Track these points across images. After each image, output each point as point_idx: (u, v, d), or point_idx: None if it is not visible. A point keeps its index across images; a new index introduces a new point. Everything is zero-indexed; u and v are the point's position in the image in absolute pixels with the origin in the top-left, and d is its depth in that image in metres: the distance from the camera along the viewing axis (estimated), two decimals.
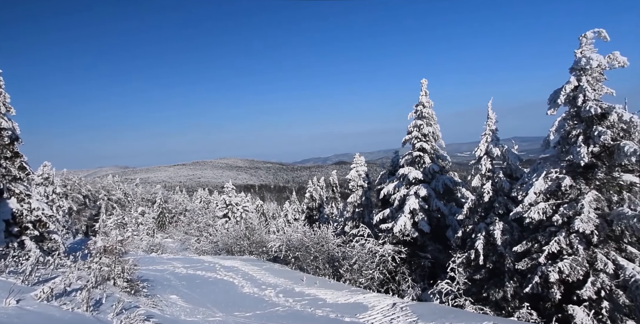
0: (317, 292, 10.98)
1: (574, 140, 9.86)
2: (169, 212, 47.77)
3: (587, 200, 9.34)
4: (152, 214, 43.98)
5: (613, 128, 9.37)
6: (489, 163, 12.77)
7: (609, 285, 9.03)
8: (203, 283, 12.16)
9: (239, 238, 20.86)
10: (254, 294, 10.92)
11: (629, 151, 8.75)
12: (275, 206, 74.49)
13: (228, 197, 35.06)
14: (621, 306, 8.93)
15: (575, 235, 9.48)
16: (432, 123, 16.38)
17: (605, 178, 9.68)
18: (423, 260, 15.38)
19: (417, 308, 8.98)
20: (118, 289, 8.04)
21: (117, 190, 48.30)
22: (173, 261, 17.45)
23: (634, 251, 9.24)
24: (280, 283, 12.12)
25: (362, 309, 9.35)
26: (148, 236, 33.01)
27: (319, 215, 34.55)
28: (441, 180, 15.89)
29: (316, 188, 35.90)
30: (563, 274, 9.34)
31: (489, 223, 12.27)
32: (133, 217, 35.67)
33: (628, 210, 8.88)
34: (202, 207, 46.52)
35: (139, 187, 57.76)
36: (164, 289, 10.86)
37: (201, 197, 56.32)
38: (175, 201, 51.69)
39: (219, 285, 11.97)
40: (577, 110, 9.91)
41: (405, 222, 15.04)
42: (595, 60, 9.46)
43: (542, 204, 10.13)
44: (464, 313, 8.92)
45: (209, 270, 14.31)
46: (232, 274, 13.34)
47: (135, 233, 31.03)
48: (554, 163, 10.41)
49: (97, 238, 9.10)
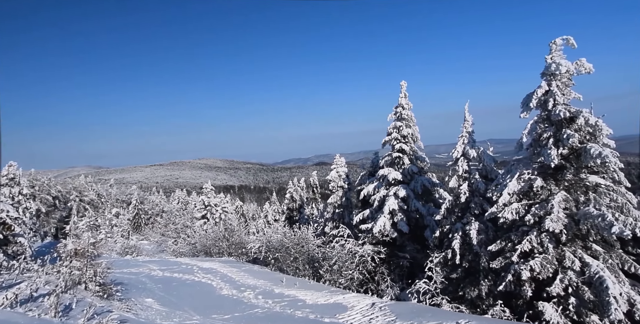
0: (297, 293, 10.95)
1: (545, 143, 10.25)
2: (145, 213, 46.49)
3: (557, 200, 9.72)
4: (127, 215, 42.68)
5: (580, 132, 9.81)
6: (465, 165, 13.08)
7: (575, 282, 9.42)
8: (180, 286, 11.91)
9: (217, 240, 20.55)
10: (232, 296, 10.78)
11: (594, 153, 9.17)
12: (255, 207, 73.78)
13: (207, 198, 34.46)
14: (586, 302, 9.34)
15: (546, 234, 9.84)
16: (411, 124, 16.64)
17: (573, 179, 10.11)
18: (402, 260, 15.59)
19: (396, 307, 9.10)
20: (90, 294, 7.76)
21: (90, 190, 46.60)
22: (149, 263, 17.01)
23: (598, 249, 9.68)
24: (260, 285, 12.01)
25: (342, 310, 9.40)
26: (123, 238, 32.01)
27: (299, 215, 34.48)
28: (420, 181, 16.16)
29: (296, 188, 35.82)
30: (534, 272, 9.67)
31: (466, 223, 12.56)
32: (107, 219, 34.53)
33: (593, 210, 9.31)
34: (179, 208, 45.53)
35: (113, 188, 55.94)
36: (139, 292, 10.56)
37: (179, 198, 55.13)
38: (151, 202, 50.35)
39: (196, 288, 11.75)
40: (547, 113, 10.31)
41: (384, 223, 15.20)
42: (564, 66, 9.89)
43: (516, 204, 10.46)
44: (441, 312, 9.11)
45: (187, 272, 14.03)
46: (210, 277, 13.12)
47: (109, 235, 30.03)
48: (527, 164, 10.78)
49: (68, 240, 8.75)
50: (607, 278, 8.79)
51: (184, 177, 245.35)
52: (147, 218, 46.45)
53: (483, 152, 13.18)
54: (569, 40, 10.02)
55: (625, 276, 9.43)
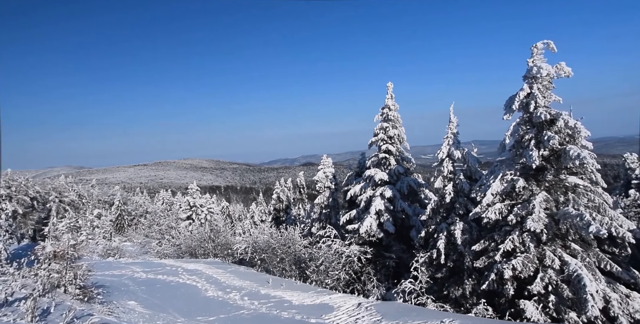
0: (283, 294, 10.91)
1: (527, 144, 10.49)
2: (128, 214, 45.58)
3: (538, 201, 9.96)
4: (110, 216, 41.78)
5: (560, 134, 10.08)
6: (450, 166, 13.28)
7: (555, 280, 9.67)
8: (164, 288, 11.72)
9: (203, 241, 20.30)
10: (218, 298, 10.66)
11: (573, 155, 9.44)
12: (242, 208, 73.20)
13: (192, 198, 34.00)
14: (565, 299, 9.59)
15: (527, 234, 10.07)
16: (397, 125, 16.80)
17: (553, 180, 10.38)
18: (388, 260, 15.70)
19: (381, 307, 9.16)
20: (69, 297, 7.56)
21: (71, 191, 45.37)
22: (132, 265, 16.68)
23: (576, 248, 9.96)
24: (246, 286, 11.92)
25: (328, 310, 9.40)
26: (105, 240, 31.31)
27: (286, 216, 34.37)
28: (406, 181, 16.31)
29: (283, 189, 35.69)
30: (516, 271, 9.88)
31: (450, 223, 12.74)
32: (88, 220, 33.71)
33: (572, 210, 9.58)
34: (164, 209, 44.75)
35: (95, 188, 54.65)
36: (121, 295, 10.35)
37: (163, 199, 54.21)
38: (135, 203, 49.40)
39: (181, 289, 11.58)
40: (529, 115, 10.56)
41: (371, 223, 15.29)
42: (544, 69, 10.16)
43: (499, 204, 10.67)
44: (426, 311, 9.21)
45: (171, 273, 13.81)
46: (195, 278, 12.95)
47: (90, 236, 29.29)
48: (509, 165, 11.01)
49: (46, 242, 8.50)
50: (585, 276, 9.05)
51: (168, 177, 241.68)
52: (131, 219, 45.55)
53: (467, 153, 13.40)
54: (550, 44, 10.30)
55: (601, 274, 9.73)
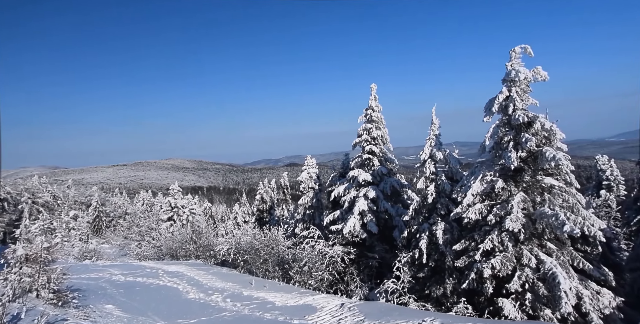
0: (266, 295, 10.83)
1: (506, 146, 10.77)
2: (106, 216, 44.36)
3: (516, 201, 10.23)
4: (87, 218, 40.53)
5: (537, 136, 10.40)
6: (432, 167, 13.48)
7: (532, 278, 9.95)
8: (144, 291, 11.45)
9: (184, 242, 19.95)
10: (199, 300, 10.50)
11: (549, 156, 9.75)
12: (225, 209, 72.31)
13: (174, 199, 33.38)
14: (541, 297, 9.88)
15: (506, 233, 10.33)
16: (381, 126, 16.95)
17: (530, 180, 10.68)
18: (371, 260, 15.81)
19: (364, 307, 9.22)
20: (42, 302, 7.28)
21: (44, 192, 43.76)
22: (110, 268, 16.24)
23: (552, 247, 10.28)
24: (228, 287, 11.78)
25: (311, 311, 9.39)
26: (81, 242, 30.35)
27: (270, 217, 34.16)
28: (389, 182, 16.48)
29: (267, 190, 35.47)
30: (495, 270, 10.11)
31: (432, 224, 12.94)
32: (63, 222, 32.61)
33: (548, 210, 9.88)
34: (144, 210, 43.77)
35: (71, 189, 52.89)
36: (98, 298, 10.05)
37: (144, 199, 53.02)
38: (114, 204, 48.12)
39: (161, 292, 11.35)
40: (508, 118, 10.85)
41: (354, 223, 15.37)
42: (522, 73, 10.47)
43: (479, 205, 10.91)
44: (408, 310, 9.32)
45: (151, 276, 13.52)
46: (176, 280, 12.72)
47: (66, 238, 28.38)
48: (489, 166, 11.28)
49: (17, 245, 8.16)
50: (560, 274, 9.35)
51: (149, 178, 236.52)
52: (109, 220, 44.35)
53: (449, 154, 13.65)
54: (527, 49, 10.62)
55: (574, 271, 10.07)
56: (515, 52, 10.74)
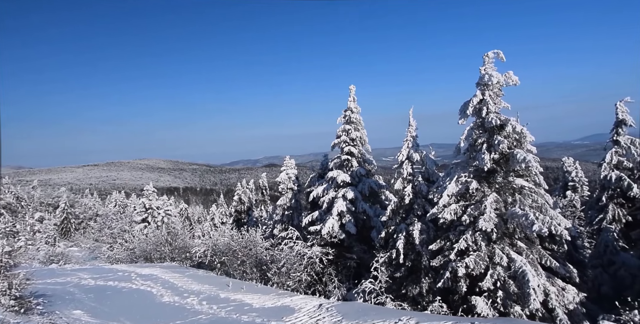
0: (244, 297, 10.71)
1: (480, 148, 11.12)
2: (75, 218, 42.61)
3: (489, 202, 10.57)
4: (54, 220, 38.80)
5: (509, 138, 10.79)
6: (409, 168, 13.73)
7: (503, 276, 10.31)
8: (115, 295, 11.07)
9: (159, 244, 19.41)
10: (174, 303, 10.25)
11: (520, 158, 10.14)
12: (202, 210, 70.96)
13: (148, 200, 32.42)
14: (511, 294, 10.25)
15: (480, 233, 10.65)
16: (359, 128, 17.11)
17: (503, 181, 11.07)
18: (349, 261, 15.92)
19: (342, 307, 9.26)
20: (2, 310, 6.90)
21: (7, 193, 41.55)
22: (79, 272, 15.60)
23: (522, 246, 10.69)
24: (205, 290, 11.56)
25: (289, 312, 9.35)
26: (47, 246, 29.00)
27: (248, 218, 33.79)
28: (367, 183, 16.65)
29: (245, 190, 35.08)
30: (469, 269, 10.41)
31: (409, 224, 13.17)
32: (28, 224, 31.05)
33: (519, 210, 10.27)
34: (117, 211, 42.27)
35: (36, 190, 50.38)
36: (65, 304, 9.64)
37: (116, 201, 51.24)
38: (84, 205, 46.29)
39: (134, 296, 11.00)
40: (482, 120, 11.21)
41: (333, 224, 15.43)
42: (495, 77, 10.86)
43: (454, 205, 11.20)
44: (385, 310, 9.43)
45: (123, 279, 13.08)
46: (150, 283, 12.36)
47: (30, 242, 27.04)
48: (464, 168, 11.60)
49: None
50: (529, 272, 9.73)
51: (122, 178, 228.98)
52: (78, 222, 42.63)
53: (426, 156, 13.93)
54: (499, 54, 11.02)
55: (542, 269, 10.51)
56: (489, 56, 11.11)
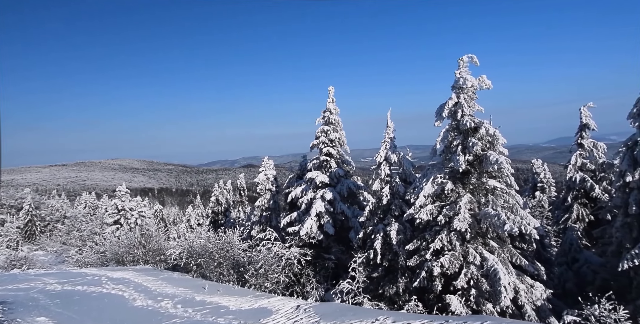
0: (220, 299, 10.52)
1: (455, 150, 11.41)
2: (41, 220, 40.65)
3: (464, 202, 10.87)
4: (17, 223, 36.89)
5: (482, 140, 11.13)
6: (387, 169, 13.91)
7: (476, 275, 10.61)
8: (84, 300, 10.63)
9: (132, 247, 18.81)
10: (147, 307, 9.94)
11: (493, 160, 10.48)
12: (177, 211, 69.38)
13: (121, 202, 31.37)
14: (484, 292, 10.56)
15: (454, 233, 10.92)
16: (338, 129, 17.21)
17: (476, 182, 11.40)
18: (327, 261, 15.96)
19: (320, 308, 9.26)
20: None
21: None
22: (44, 277, 14.88)
23: (494, 245, 11.04)
24: (179, 293, 11.29)
25: (267, 314, 9.26)
26: (9, 250, 27.53)
27: (225, 219, 33.28)
28: (346, 184, 16.75)
29: (222, 191, 34.54)
30: (444, 268, 10.65)
31: (387, 224, 13.34)
32: None
33: (491, 210, 10.60)
34: (87, 213, 40.66)
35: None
36: (28, 311, 9.17)
37: (86, 202, 49.26)
38: (50, 207, 44.22)
39: (104, 300, 10.60)
40: (457, 123, 11.51)
41: (311, 225, 15.43)
42: (469, 80, 11.18)
43: (430, 206, 11.43)
44: (362, 310, 9.50)
45: (93, 283, 12.59)
46: (121, 287, 11.95)
47: None
48: (440, 169, 11.87)
49: None
50: (500, 270, 10.06)
51: (93, 179, 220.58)
52: (44, 225, 40.71)
53: (403, 157, 14.16)
54: (473, 58, 11.37)
55: (512, 267, 10.88)
56: (463, 61, 11.44)
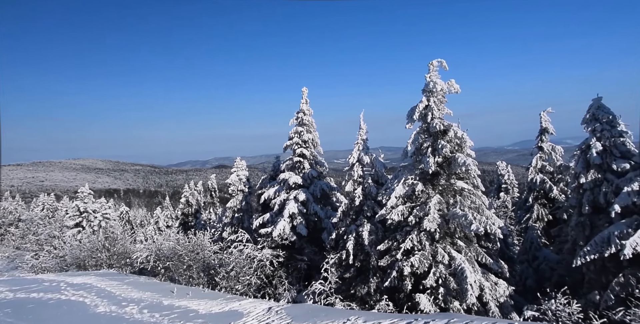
0: (189, 303, 10.23)
1: (425, 151, 11.72)
2: None
3: (433, 203, 11.17)
4: None
5: (451, 143, 11.51)
6: (360, 170, 14.08)
7: (444, 274, 10.93)
8: (39, 308, 9.99)
9: (95, 250, 17.92)
10: (110, 313, 9.49)
11: (461, 162, 10.86)
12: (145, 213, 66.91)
13: (83, 203, 29.84)
14: (451, 290, 10.90)
15: (424, 233, 11.20)
16: (311, 130, 17.24)
17: (445, 184, 11.76)
18: (300, 263, 15.91)
19: (292, 310, 9.21)
20: None
21: None
22: None
23: (461, 244, 11.42)
24: (146, 297, 10.86)
25: (237, 317, 9.10)
26: None
27: (196, 221, 32.47)
28: (319, 185, 16.80)
29: (193, 192, 33.67)
30: (414, 268, 10.89)
31: (359, 225, 13.48)
32: None
33: (459, 211, 10.97)
34: (45, 216, 38.36)
35: None
36: None
37: (44, 204, 46.52)
38: (3, 209, 41.34)
39: (62, 308, 10.01)
40: (427, 125, 11.84)
41: (284, 226, 15.34)
42: (439, 84, 11.55)
43: (401, 207, 11.67)
44: (334, 311, 9.53)
45: (50, 290, 11.87)
46: (82, 293, 11.35)
47: None
48: (411, 171, 12.15)
49: None
50: (467, 269, 10.42)
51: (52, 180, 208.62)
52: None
53: (375, 159, 14.38)
54: (442, 63, 11.76)
55: (478, 266, 11.31)
56: (433, 65, 11.80)
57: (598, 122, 11.79)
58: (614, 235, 10.25)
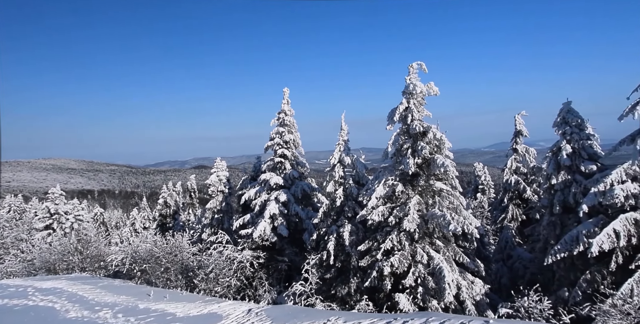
0: (167, 306, 9.98)
1: (405, 153, 11.89)
2: None
3: (413, 203, 11.34)
4: None
5: (430, 144, 11.73)
6: (341, 171, 14.14)
7: (423, 273, 11.11)
8: (3, 315, 9.52)
9: (67, 253, 17.24)
10: (82, 319, 9.14)
11: (440, 163, 11.08)
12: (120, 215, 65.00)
13: (54, 205, 28.66)
14: (430, 290, 11.09)
15: (404, 233, 11.35)
16: (293, 130, 17.19)
17: (425, 184, 11.96)
18: (280, 264, 15.82)
19: (272, 311, 9.14)
20: None
21: None
22: None
23: (440, 244, 11.64)
24: (121, 301, 10.52)
25: (216, 319, 8.95)
26: None
27: (174, 222, 31.78)
28: (300, 185, 16.76)
29: (171, 193, 32.95)
30: (394, 268, 11.02)
31: (340, 226, 13.53)
32: None
33: (438, 211, 11.18)
34: (11, 218, 36.57)
35: None
36: None
37: (11, 205, 44.32)
38: None
39: (29, 314, 9.57)
40: (407, 127, 12.02)
41: (265, 227, 15.22)
42: (419, 86, 11.75)
43: (382, 207, 11.79)
44: (314, 311, 9.52)
45: (16, 296, 11.33)
46: (52, 298, 10.88)
47: None
48: (391, 171, 12.29)
49: None
50: (445, 268, 10.63)
51: (20, 180, 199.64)
52: None
53: (356, 159, 14.48)
54: (422, 65, 11.97)
55: (456, 265, 11.55)
56: (413, 67, 12.00)
57: (568, 125, 12.28)
58: (582, 233, 10.69)
